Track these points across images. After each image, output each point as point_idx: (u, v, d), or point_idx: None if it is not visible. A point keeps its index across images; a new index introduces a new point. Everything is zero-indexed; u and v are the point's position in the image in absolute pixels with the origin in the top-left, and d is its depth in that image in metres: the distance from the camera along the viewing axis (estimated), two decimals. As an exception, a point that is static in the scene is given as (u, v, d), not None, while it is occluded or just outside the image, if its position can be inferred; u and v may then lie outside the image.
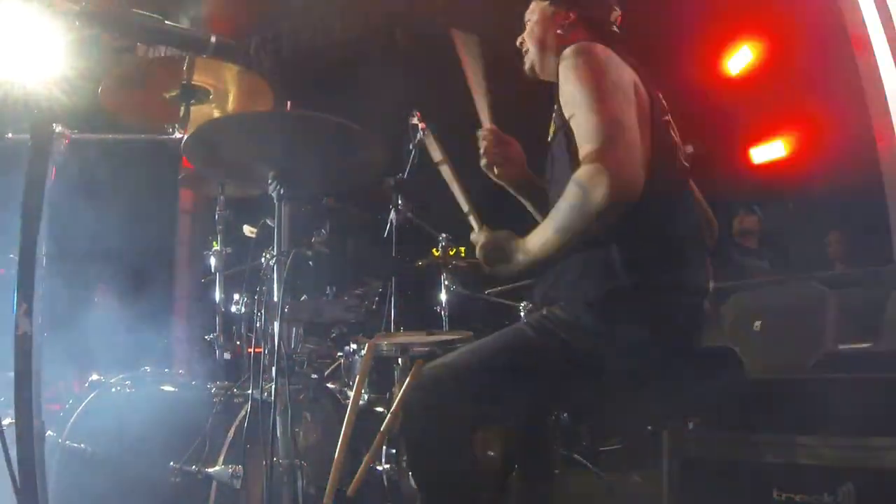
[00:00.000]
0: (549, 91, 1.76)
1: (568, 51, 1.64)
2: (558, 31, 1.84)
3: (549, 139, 1.78)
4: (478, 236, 1.74)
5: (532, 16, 1.91)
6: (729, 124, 5.34)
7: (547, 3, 1.87)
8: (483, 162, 1.95)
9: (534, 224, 1.66)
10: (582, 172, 1.51)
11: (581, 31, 1.82)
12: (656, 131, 1.65)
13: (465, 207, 1.82)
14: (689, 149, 2.89)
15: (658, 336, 1.59)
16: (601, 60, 1.61)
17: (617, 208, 1.48)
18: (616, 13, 1.87)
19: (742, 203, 4.67)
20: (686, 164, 1.81)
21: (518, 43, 1.94)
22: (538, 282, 1.79)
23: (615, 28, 1.85)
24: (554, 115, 1.73)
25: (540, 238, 1.60)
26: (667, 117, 1.74)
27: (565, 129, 1.63)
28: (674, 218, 1.68)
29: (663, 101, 1.76)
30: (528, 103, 2.00)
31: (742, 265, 4.42)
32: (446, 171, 1.91)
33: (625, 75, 1.62)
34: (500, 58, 2.01)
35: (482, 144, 1.94)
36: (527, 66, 1.93)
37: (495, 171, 1.96)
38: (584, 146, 1.54)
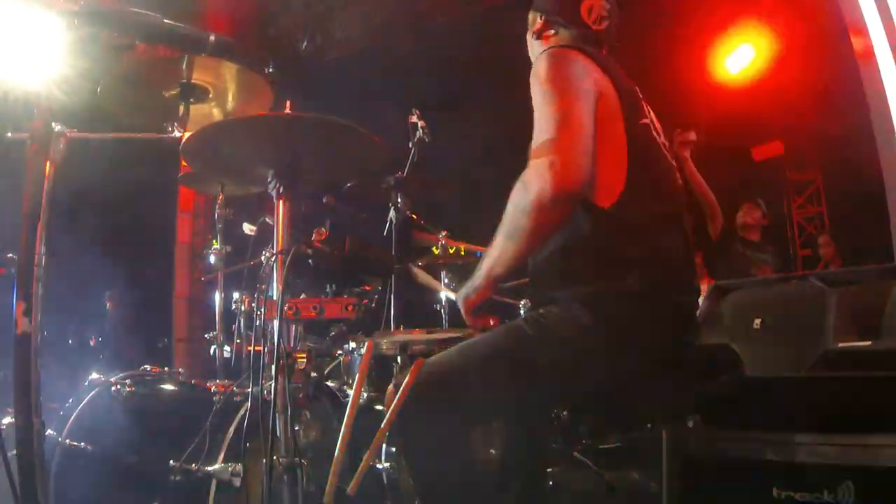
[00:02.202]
0: None
1: (538, 57, 1.70)
2: (534, 37, 1.93)
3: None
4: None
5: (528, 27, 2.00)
6: (730, 123, 5.35)
7: (531, 11, 1.97)
8: None
9: None
10: (525, 172, 1.55)
11: (554, 33, 1.89)
12: (632, 133, 1.67)
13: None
14: (692, 136, 2.87)
15: (652, 333, 1.60)
16: (559, 64, 1.65)
17: (562, 201, 1.50)
18: (592, 4, 1.87)
19: (747, 196, 4.65)
20: (672, 161, 1.83)
21: None
22: (534, 280, 1.79)
23: (594, 23, 1.87)
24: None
25: (492, 252, 1.62)
26: (645, 120, 1.76)
27: None
28: (658, 215, 1.69)
29: (644, 104, 1.79)
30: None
31: (746, 258, 4.41)
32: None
33: (586, 79, 1.64)
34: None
35: None
36: None
37: None
38: (533, 142, 1.57)
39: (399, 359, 2.39)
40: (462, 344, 1.72)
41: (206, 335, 3.17)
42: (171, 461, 1.97)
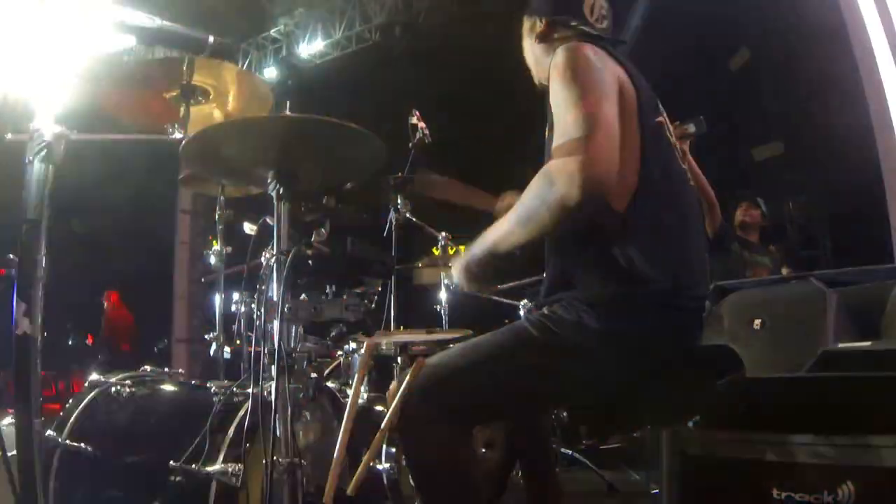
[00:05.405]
0: None
1: (556, 52, 1.65)
2: (537, 41, 1.87)
3: (545, 138, 1.77)
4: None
5: (523, 33, 1.94)
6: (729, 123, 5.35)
7: (525, 17, 1.91)
8: None
9: None
10: (552, 164, 1.50)
11: (559, 34, 1.83)
12: (647, 131, 1.64)
13: None
14: (692, 128, 2.83)
15: (660, 337, 1.59)
16: (581, 58, 1.60)
17: (587, 203, 1.46)
18: (593, 3, 1.83)
19: (746, 195, 4.57)
20: (684, 164, 1.80)
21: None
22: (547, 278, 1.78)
23: (596, 22, 1.82)
24: (548, 116, 1.73)
25: (500, 228, 1.59)
26: (660, 118, 1.73)
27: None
28: (671, 219, 1.66)
29: (658, 102, 1.75)
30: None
31: (742, 259, 4.35)
32: None
33: (607, 73, 1.61)
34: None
35: None
36: (535, 81, 1.95)
37: None
38: (558, 140, 1.53)
39: (399, 359, 2.39)
40: (464, 344, 1.70)
41: (206, 336, 3.17)
42: (172, 461, 1.97)
